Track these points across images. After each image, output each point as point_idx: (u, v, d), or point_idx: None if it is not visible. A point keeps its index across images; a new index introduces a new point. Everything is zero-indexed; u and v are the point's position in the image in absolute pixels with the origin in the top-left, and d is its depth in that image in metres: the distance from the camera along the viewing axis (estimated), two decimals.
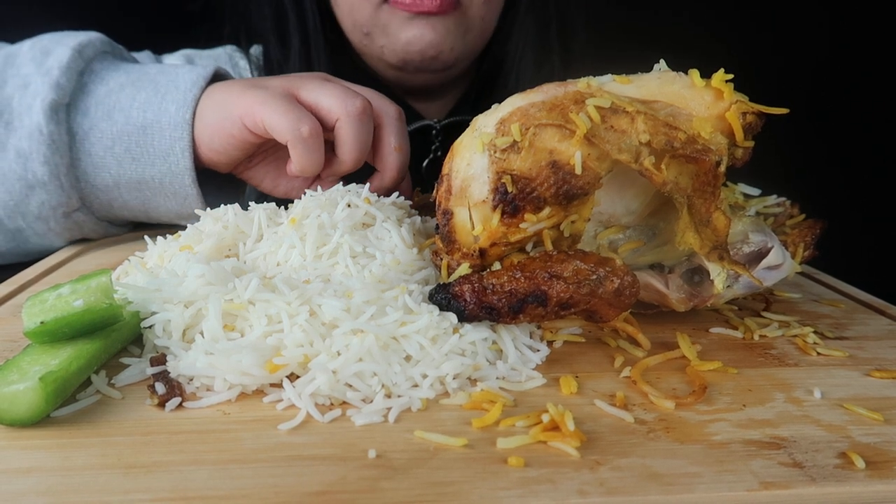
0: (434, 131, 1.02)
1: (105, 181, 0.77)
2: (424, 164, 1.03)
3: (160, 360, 0.48)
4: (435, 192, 0.57)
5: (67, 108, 0.74)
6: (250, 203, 0.68)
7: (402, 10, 0.92)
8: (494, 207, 0.52)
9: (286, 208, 0.68)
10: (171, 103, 0.74)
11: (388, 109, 0.76)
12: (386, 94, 1.03)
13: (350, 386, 0.46)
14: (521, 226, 0.53)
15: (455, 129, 1.02)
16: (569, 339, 0.56)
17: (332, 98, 0.71)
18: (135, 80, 0.77)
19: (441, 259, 0.57)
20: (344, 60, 1.02)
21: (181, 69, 0.78)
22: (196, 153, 0.76)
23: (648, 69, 0.56)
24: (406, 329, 0.48)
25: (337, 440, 0.41)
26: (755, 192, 0.63)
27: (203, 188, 0.79)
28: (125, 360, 0.49)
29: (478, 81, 1.08)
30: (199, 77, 0.76)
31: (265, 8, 1.02)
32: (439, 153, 1.03)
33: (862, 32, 1.50)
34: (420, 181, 1.04)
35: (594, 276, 0.51)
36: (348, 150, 0.72)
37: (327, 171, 0.77)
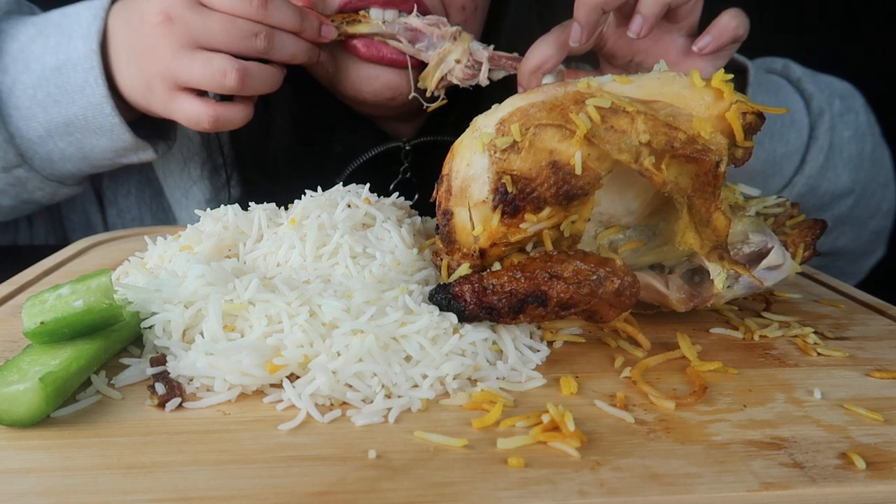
0: (403, 151, 0.96)
1: (37, 131, 0.80)
2: (392, 186, 0.97)
3: (160, 360, 0.48)
4: (435, 192, 0.57)
5: None
6: (251, 204, 0.68)
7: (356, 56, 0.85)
8: (494, 208, 0.52)
9: (286, 209, 0.68)
10: (78, 39, 0.77)
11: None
12: (353, 115, 0.97)
13: (350, 386, 0.46)
14: (521, 226, 0.53)
15: (425, 149, 0.96)
16: (569, 339, 0.56)
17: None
18: (42, 29, 0.80)
19: (441, 259, 0.57)
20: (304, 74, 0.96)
21: (81, 6, 0.80)
22: (122, 94, 0.79)
23: None
24: (406, 329, 0.48)
25: (337, 440, 0.41)
26: (755, 192, 0.63)
27: (136, 129, 0.81)
28: (125, 361, 0.49)
29: (450, 103, 1.01)
30: (98, 9, 0.78)
31: None
32: (408, 174, 0.98)
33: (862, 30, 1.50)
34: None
35: (594, 277, 0.51)
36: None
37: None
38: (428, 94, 0.77)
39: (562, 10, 0.73)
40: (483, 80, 0.75)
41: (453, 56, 0.75)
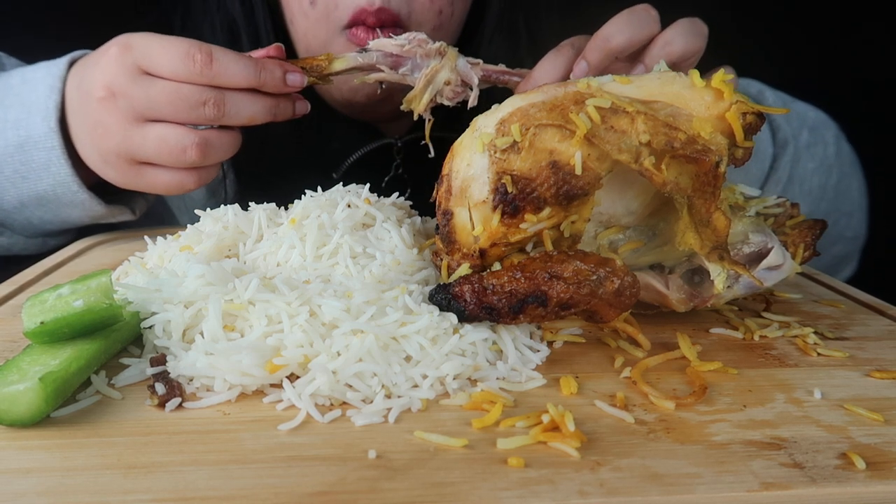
0: (395, 148, 0.97)
1: (12, 203, 0.79)
2: (385, 182, 0.98)
3: (160, 360, 0.48)
4: (435, 192, 0.57)
5: None
6: (250, 204, 0.68)
7: (358, 46, 0.80)
8: (494, 208, 0.52)
9: (286, 209, 0.68)
10: (37, 115, 0.73)
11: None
12: (340, 116, 0.96)
13: (350, 386, 0.46)
14: (521, 226, 0.53)
15: (417, 145, 0.94)
16: (569, 339, 0.56)
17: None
18: (1, 98, 0.76)
19: (441, 259, 0.57)
20: None
21: (39, 72, 0.76)
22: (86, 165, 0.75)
23: None
24: (406, 329, 0.48)
25: (337, 440, 0.41)
26: (755, 192, 0.63)
27: (107, 188, 0.78)
28: (125, 361, 0.49)
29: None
30: (55, 78, 0.74)
31: (217, 24, 0.96)
32: (400, 170, 0.99)
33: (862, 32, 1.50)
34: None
35: (594, 277, 0.51)
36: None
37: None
38: (415, 118, 0.71)
39: (547, 15, 0.72)
40: (473, 101, 0.71)
41: (442, 76, 0.69)
